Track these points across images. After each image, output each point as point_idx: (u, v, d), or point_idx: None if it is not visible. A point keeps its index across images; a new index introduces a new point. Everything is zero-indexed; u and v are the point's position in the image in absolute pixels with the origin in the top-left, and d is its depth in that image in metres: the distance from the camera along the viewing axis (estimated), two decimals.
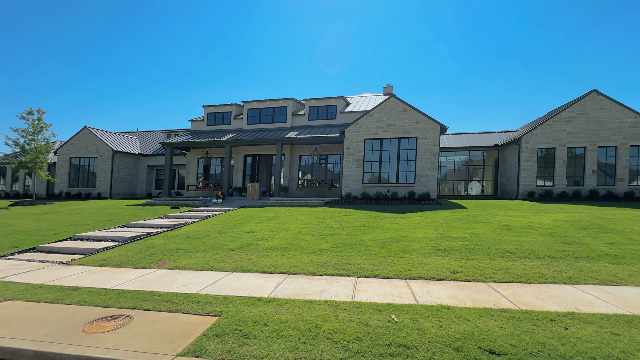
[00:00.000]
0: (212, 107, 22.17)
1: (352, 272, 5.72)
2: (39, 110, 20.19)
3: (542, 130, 17.90)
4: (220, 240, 8.33)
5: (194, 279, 5.47)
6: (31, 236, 9.47)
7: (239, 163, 21.12)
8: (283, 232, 9.06)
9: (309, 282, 5.24)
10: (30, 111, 20.02)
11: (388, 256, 6.57)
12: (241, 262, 6.48)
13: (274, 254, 7.00)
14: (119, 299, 4.61)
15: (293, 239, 8.21)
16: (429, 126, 16.43)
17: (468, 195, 21.61)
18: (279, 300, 4.41)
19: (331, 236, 8.46)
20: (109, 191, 24.62)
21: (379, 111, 17.08)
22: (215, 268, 6.13)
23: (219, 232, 9.30)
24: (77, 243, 8.39)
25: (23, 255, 7.51)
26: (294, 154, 20.45)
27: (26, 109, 19.94)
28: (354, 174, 17.04)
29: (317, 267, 6.03)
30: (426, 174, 16.29)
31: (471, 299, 4.48)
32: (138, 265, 6.43)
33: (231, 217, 12.06)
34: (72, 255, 7.43)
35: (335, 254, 6.80)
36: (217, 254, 7.15)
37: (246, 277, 5.59)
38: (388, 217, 11.16)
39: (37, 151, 20.07)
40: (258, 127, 20.92)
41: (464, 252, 6.71)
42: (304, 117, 20.69)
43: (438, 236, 8.11)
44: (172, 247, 7.75)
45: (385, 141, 17.01)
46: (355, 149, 17.17)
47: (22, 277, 5.79)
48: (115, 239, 8.73)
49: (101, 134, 26.46)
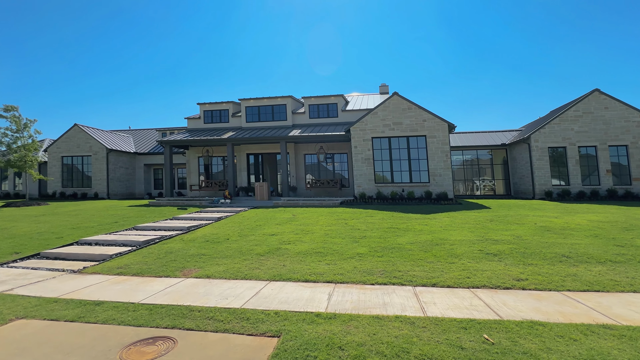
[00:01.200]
0: (208, 104, 21.42)
1: (406, 280, 5.15)
2: (12, 106, 19.15)
3: (550, 129, 17.61)
4: (244, 245, 7.68)
5: (231, 290, 4.84)
6: (32, 240, 8.69)
7: (242, 162, 20.41)
8: (309, 235, 8.44)
9: (363, 293, 4.65)
10: (7, 108, 18.95)
11: (436, 262, 6.01)
12: (276, 269, 5.86)
13: (309, 259, 6.39)
14: (152, 315, 3.96)
15: (323, 243, 7.61)
16: (436, 124, 15.99)
17: (480, 195, 21.24)
18: (341, 316, 3.82)
19: (363, 239, 7.88)
20: (106, 191, 23.66)
21: (383, 109, 16.58)
22: (249, 276, 5.50)
23: (239, 235, 8.65)
24: (86, 248, 7.66)
25: (27, 263, 6.77)
26: (299, 152, 19.83)
27: (0, 106, 18.88)
28: (365, 173, 16.49)
29: (363, 274, 5.45)
30: (440, 173, 15.82)
31: (559, 312, 3.94)
32: (161, 274, 5.76)
33: (246, 218, 11.40)
34: (83, 263, 6.71)
35: (377, 260, 6.22)
36: (246, 259, 6.51)
37: (289, 287, 4.97)
38: (413, 218, 10.62)
39: (25, 149, 19.07)
40: (258, 125, 20.25)
41: (517, 257, 6.19)
42: (305, 115, 20.10)
43: (479, 239, 7.59)
44: (194, 253, 7.09)
45: (394, 139, 16.50)
46: (363, 148, 16.62)
47: (32, 289, 5.08)
48: (127, 243, 8.02)
49: (93, 131, 25.46)
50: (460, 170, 21.69)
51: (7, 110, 18.87)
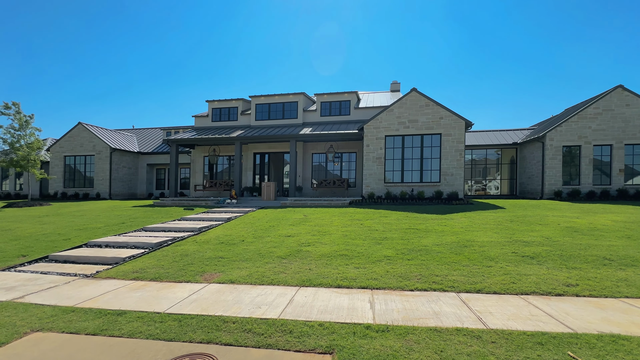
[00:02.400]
0: (217, 102, 21.02)
1: (447, 285, 4.80)
2: (13, 103, 18.68)
3: (566, 127, 17.29)
4: (262, 247, 7.32)
5: (261, 298, 4.48)
6: (39, 242, 8.30)
7: (248, 161, 20.04)
8: (327, 237, 8.09)
9: (407, 301, 4.30)
10: (7, 105, 18.47)
11: (472, 265, 5.67)
12: (303, 273, 5.51)
13: (335, 262, 6.04)
14: (183, 328, 3.60)
15: (345, 245, 7.26)
16: (453, 122, 15.65)
17: (485, 195, 20.94)
18: (395, 329, 3.46)
19: (385, 241, 7.54)
20: (108, 191, 23.24)
21: (399, 106, 16.22)
22: (277, 282, 5.14)
23: (254, 237, 8.29)
24: (96, 251, 7.28)
25: (35, 266, 6.39)
26: (307, 151, 19.48)
27: (0, 104, 18.40)
28: (375, 172, 16.15)
29: (399, 279, 5.10)
30: (452, 173, 15.50)
31: (632, 323, 3.60)
32: (181, 279, 5.40)
33: (256, 219, 11.04)
34: (95, 266, 6.34)
35: (408, 263, 5.88)
36: (268, 263, 6.15)
37: (323, 293, 4.62)
38: (430, 218, 10.29)
39: (28, 148, 18.61)
40: (268, 124, 19.87)
41: (556, 260, 5.85)
42: (316, 113, 19.73)
43: (507, 240, 7.25)
44: (211, 255, 6.72)
45: (408, 138, 16.16)
46: (375, 146, 16.27)
47: (45, 296, 4.71)
48: (139, 245, 7.65)
49: (97, 130, 25.03)
50: (471, 171, 21.38)
51: (8, 108, 18.40)
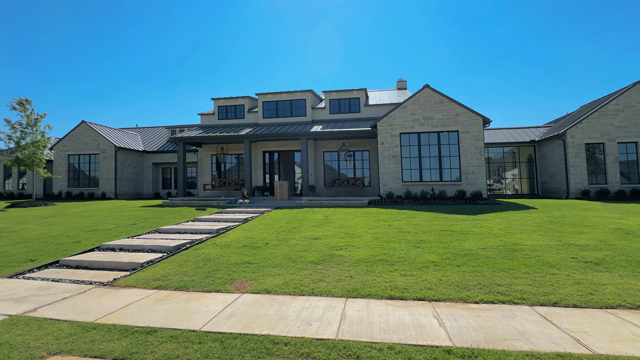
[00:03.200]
0: (223, 100, 20.45)
1: (516, 297, 4.21)
2: (26, 100, 18.20)
3: (587, 125, 16.66)
4: (289, 250, 6.75)
5: (307, 312, 3.91)
6: (47, 245, 7.75)
7: (257, 160, 19.48)
8: (357, 239, 7.51)
9: (478, 316, 3.72)
10: (21, 101, 18.00)
11: (533, 272, 5.08)
12: (345, 281, 4.93)
13: (377, 269, 5.46)
14: (227, 351, 3.03)
15: (381, 248, 6.68)
16: (470, 119, 15.05)
17: (504, 194, 20.30)
18: (484, 355, 2.88)
19: (423, 244, 6.95)
20: (113, 191, 22.72)
21: (413, 103, 15.62)
22: (318, 292, 4.57)
23: (278, 240, 7.71)
24: (110, 255, 6.72)
25: (46, 272, 5.84)
26: (318, 150, 18.91)
27: (15, 98, 17.92)
28: (392, 171, 15.55)
29: (457, 289, 4.52)
30: (473, 171, 14.90)
31: None
32: (209, 288, 4.83)
33: (274, 220, 10.47)
34: (111, 272, 5.78)
35: (459, 269, 5.29)
36: (301, 269, 5.58)
37: (376, 306, 4.04)
38: (461, 219, 9.70)
39: (34, 146, 18.08)
40: (276, 121, 19.30)
41: (625, 266, 5.25)
42: (325, 111, 19.15)
43: (558, 244, 6.66)
44: (236, 260, 6.15)
45: (424, 135, 15.56)
46: (390, 144, 15.68)
47: (59, 309, 4.15)
48: (155, 248, 7.09)
49: (101, 129, 24.52)
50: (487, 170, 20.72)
51: (21, 104, 17.91)
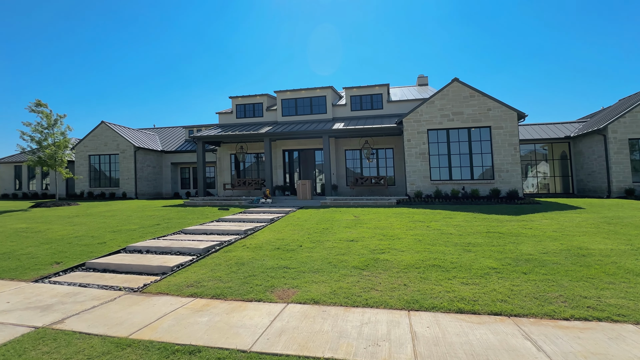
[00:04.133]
0: (241, 98, 20.11)
1: (613, 313, 3.56)
2: (40, 102, 18.27)
3: (631, 119, 15.57)
4: (327, 254, 6.22)
5: (369, 328, 3.37)
6: (72, 246, 7.46)
7: (277, 159, 19.06)
8: (398, 242, 6.93)
9: (578, 337, 3.09)
10: (38, 103, 18.07)
11: (618, 282, 4.40)
12: (400, 290, 4.37)
13: (431, 275, 4.87)
14: None
15: (428, 252, 6.08)
16: (503, 114, 14.20)
17: (537, 193, 19.27)
18: None
19: (473, 247, 6.32)
20: (134, 191, 22.74)
21: (441, 97, 14.87)
22: (373, 303, 4.02)
23: (311, 242, 7.20)
24: (137, 257, 6.35)
25: (72, 276, 5.48)
26: (339, 148, 18.35)
27: (32, 101, 18.00)
28: (419, 169, 14.85)
29: (535, 301, 3.89)
30: (507, 169, 14.05)
31: None
32: (249, 297, 4.35)
33: (302, 220, 9.97)
34: (141, 277, 5.37)
35: (527, 277, 4.65)
36: (346, 275, 5.04)
37: (446, 321, 3.47)
38: (504, 220, 8.98)
39: (55, 146, 18.14)
40: (295, 119, 18.82)
41: None
42: (346, 108, 18.55)
43: (630, 248, 5.91)
44: (272, 265, 5.66)
45: (453, 132, 14.79)
46: (417, 141, 14.98)
47: (89, 319, 3.73)
48: (183, 251, 6.68)
49: (120, 129, 24.62)
50: None
51: (38, 106, 18.03)
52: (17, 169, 27.32)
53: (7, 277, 5.47)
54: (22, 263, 6.25)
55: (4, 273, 5.68)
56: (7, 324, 3.60)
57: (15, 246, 7.67)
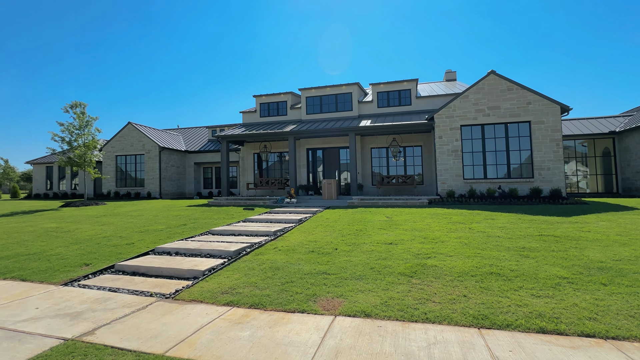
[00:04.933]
0: (265, 96, 19.85)
1: None
2: (80, 103, 18.56)
3: None
4: (366, 258, 5.74)
5: (439, 350, 2.86)
6: (100, 247, 7.30)
7: (301, 158, 18.70)
8: (442, 245, 6.35)
9: None
10: (74, 104, 18.39)
11: None
12: (461, 302, 3.83)
13: (494, 286, 4.30)
14: None
15: (479, 257, 5.49)
16: (545, 107, 13.25)
17: (575, 193, 18.07)
18: None
19: (531, 252, 5.67)
20: (158, 190, 22.97)
21: (476, 91, 14.04)
22: (433, 317, 3.51)
23: (347, 244, 6.73)
24: (166, 260, 6.07)
25: (102, 279, 5.24)
26: (365, 146, 17.79)
27: (68, 103, 18.33)
28: (451, 167, 14.11)
29: (633, 321, 3.27)
30: (548, 167, 13.11)
31: None
32: (291, 307, 3.92)
33: (331, 221, 9.52)
34: (172, 282, 5.06)
35: (608, 289, 4.01)
36: (393, 283, 4.54)
37: (530, 344, 2.92)
38: (554, 221, 8.22)
39: (85, 147, 18.43)
40: (320, 117, 18.38)
41: None
42: (372, 105, 17.95)
43: None
44: (309, 270, 5.23)
45: (488, 127, 13.95)
46: (449, 138, 14.23)
47: (121, 331, 3.40)
48: (213, 253, 6.35)
49: (146, 130, 24.94)
50: None
51: (74, 107, 18.37)
52: (49, 169, 28.24)
53: (37, 280, 5.28)
54: (52, 264, 6.09)
55: (34, 275, 5.51)
56: (35, 334, 3.32)
57: (46, 246, 7.59)
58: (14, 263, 6.28)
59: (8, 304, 4.21)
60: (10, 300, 4.36)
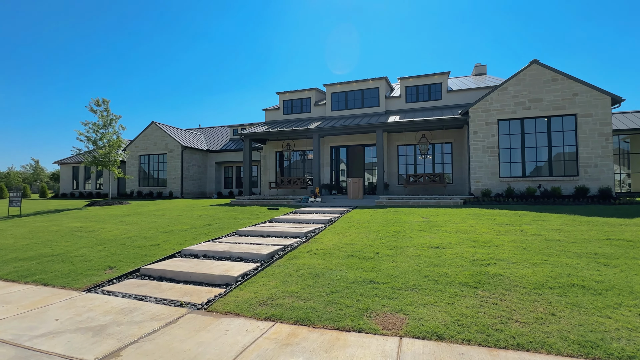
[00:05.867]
0: (288, 93, 19.37)
1: None
2: (103, 100, 18.52)
3: None
4: (415, 264, 5.09)
5: None
6: (125, 248, 6.94)
7: (324, 156, 18.13)
8: (497, 250, 5.63)
9: None
10: (98, 102, 18.36)
11: None
12: (552, 323, 3.14)
13: (584, 301, 3.58)
14: None
15: (550, 265, 4.74)
16: (593, 99, 12.15)
17: (620, 192, 16.74)
18: None
19: (608, 260, 4.88)
20: (180, 190, 22.91)
21: (515, 83, 13.06)
22: (524, 342, 2.85)
23: (388, 248, 6.10)
24: (194, 263, 5.60)
25: (127, 285, 4.80)
26: (391, 144, 17.04)
27: (93, 99, 18.28)
28: (486, 164, 13.20)
29: None
30: (595, 163, 12.04)
31: None
32: (344, 325, 3.34)
33: (363, 221, 8.89)
34: (202, 289, 4.57)
35: None
36: (457, 295, 3.89)
37: None
38: (616, 223, 7.32)
39: (109, 146, 18.43)
40: (345, 114, 17.74)
41: None
42: (400, 100, 17.15)
43: None
44: (354, 278, 4.63)
45: (528, 122, 12.95)
46: (485, 133, 13.32)
47: (149, 351, 2.90)
48: (244, 256, 5.86)
49: (169, 129, 24.96)
50: None
51: (98, 104, 18.39)
52: (75, 169, 28.78)
53: (59, 284, 4.91)
54: (75, 267, 5.74)
55: (56, 279, 5.15)
56: (52, 354, 2.86)
57: (70, 247, 7.30)
58: (36, 265, 5.98)
59: (26, 313, 3.81)
60: (30, 308, 3.96)
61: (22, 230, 9.69)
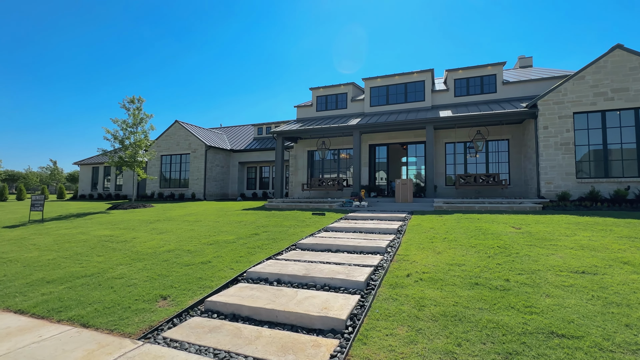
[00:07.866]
0: (322, 89, 18.05)
1: None
2: (139, 98, 17.47)
3: None
4: (584, 302, 3.66)
5: None
6: (170, 266, 5.69)
7: (363, 155, 16.74)
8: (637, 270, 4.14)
9: None
10: (132, 99, 17.33)
11: None
12: None
13: None
14: None
15: None
16: None
17: None
18: None
19: None
20: (202, 192, 21.85)
21: (594, 71, 11.40)
22: None
23: (511, 271, 4.66)
24: (272, 294, 4.28)
25: (194, 330, 3.50)
26: (439, 141, 15.54)
27: (128, 97, 17.26)
28: (560, 164, 11.60)
29: None
30: None
31: None
32: None
33: (443, 232, 7.44)
34: (299, 337, 3.24)
35: None
36: None
37: None
38: None
39: (136, 146, 17.39)
40: (386, 109, 16.32)
41: None
42: (448, 94, 15.62)
43: None
44: (515, 324, 3.23)
45: (611, 114, 11.29)
46: (558, 128, 11.70)
47: None
48: (333, 284, 4.51)
49: (192, 128, 23.99)
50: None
51: (132, 102, 17.38)
52: (94, 170, 28.11)
53: (104, 327, 3.64)
54: (118, 295, 4.50)
55: (98, 317, 3.89)
56: None
57: (104, 263, 6.10)
58: (69, 291, 4.76)
59: None
60: None
61: (46, 240, 8.60)
